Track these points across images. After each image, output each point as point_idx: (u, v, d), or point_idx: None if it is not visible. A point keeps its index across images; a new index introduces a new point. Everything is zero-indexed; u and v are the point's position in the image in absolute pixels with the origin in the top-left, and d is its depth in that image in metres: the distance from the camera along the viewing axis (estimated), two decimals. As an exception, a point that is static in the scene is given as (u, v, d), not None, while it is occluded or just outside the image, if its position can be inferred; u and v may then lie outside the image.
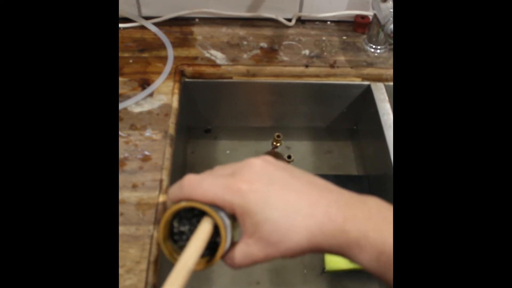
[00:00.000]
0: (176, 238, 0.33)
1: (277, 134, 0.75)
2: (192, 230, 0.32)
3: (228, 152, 0.83)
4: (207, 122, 0.82)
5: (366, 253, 0.29)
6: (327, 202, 0.31)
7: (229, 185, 0.30)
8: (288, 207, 0.30)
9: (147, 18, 0.78)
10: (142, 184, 0.55)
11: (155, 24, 0.77)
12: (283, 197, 0.30)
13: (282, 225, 0.30)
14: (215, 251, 0.32)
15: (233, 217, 0.32)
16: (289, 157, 0.73)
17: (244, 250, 0.31)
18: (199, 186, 0.31)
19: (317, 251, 0.31)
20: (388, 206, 0.31)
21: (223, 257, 0.32)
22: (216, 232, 0.32)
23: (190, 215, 0.32)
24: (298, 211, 0.30)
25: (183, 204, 0.31)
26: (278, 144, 0.76)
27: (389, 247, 0.28)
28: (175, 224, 0.32)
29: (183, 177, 0.32)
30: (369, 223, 0.29)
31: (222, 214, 0.31)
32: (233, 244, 0.32)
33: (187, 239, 0.32)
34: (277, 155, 0.78)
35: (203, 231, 0.30)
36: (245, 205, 0.30)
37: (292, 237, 0.30)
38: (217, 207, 0.31)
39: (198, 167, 0.81)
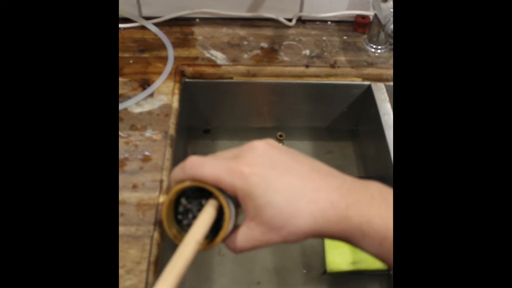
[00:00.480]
0: (180, 218, 0.32)
1: (279, 133, 0.75)
2: (199, 209, 0.32)
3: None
4: (207, 122, 0.82)
5: (369, 239, 0.29)
6: (330, 187, 0.30)
7: (231, 168, 0.30)
8: (291, 191, 0.30)
9: (147, 18, 0.78)
10: (142, 184, 0.55)
11: (156, 24, 0.77)
12: (286, 181, 0.30)
13: (285, 210, 0.29)
14: (217, 233, 0.31)
15: (236, 202, 0.32)
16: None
17: (246, 234, 0.31)
18: (202, 167, 0.31)
19: (319, 236, 0.30)
20: (389, 190, 0.31)
21: (225, 240, 0.32)
22: (219, 215, 0.31)
23: (196, 195, 0.32)
24: (301, 196, 0.30)
25: (188, 183, 0.31)
26: (281, 144, 0.76)
27: (392, 232, 0.28)
28: (183, 201, 0.32)
29: (186, 159, 0.32)
30: (371, 209, 0.29)
31: (226, 196, 0.31)
32: (235, 227, 0.32)
33: (193, 217, 0.31)
34: None
35: (209, 210, 0.31)
36: (247, 188, 0.30)
37: (295, 222, 0.29)
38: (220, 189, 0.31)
39: (199, 167, 0.81)
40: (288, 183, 0.30)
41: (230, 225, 0.31)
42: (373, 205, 0.29)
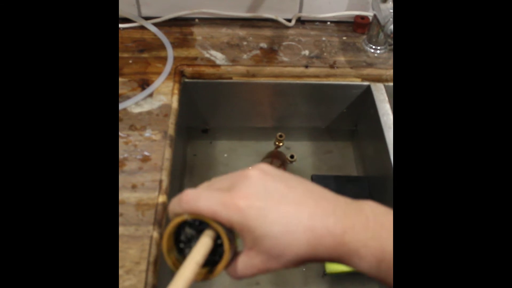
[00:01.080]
0: (182, 246, 0.33)
1: (279, 134, 0.75)
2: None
3: (225, 155, 0.83)
4: (207, 122, 0.82)
5: (367, 262, 0.29)
6: (325, 213, 0.31)
7: (226, 202, 0.30)
8: (288, 220, 0.30)
9: (146, 18, 0.78)
10: (141, 184, 0.54)
11: (155, 24, 0.77)
12: (282, 210, 0.30)
13: (282, 240, 0.30)
14: (215, 264, 0.32)
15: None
16: (291, 156, 0.73)
17: (246, 262, 0.32)
18: (197, 202, 0.31)
19: (318, 261, 0.31)
20: (383, 210, 0.31)
21: (226, 267, 0.32)
22: (218, 245, 0.32)
23: (198, 223, 0.32)
24: (297, 225, 0.30)
25: (186, 217, 0.31)
26: (281, 144, 0.76)
27: (389, 254, 0.29)
28: (186, 230, 0.32)
29: (182, 192, 0.32)
30: (367, 233, 0.30)
31: (224, 226, 0.31)
32: (235, 254, 0.33)
33: None
34: (280, 155, 0.78)
35: (205, 240, 0.31)
36: (244, 221, 0.30)
37: (293, 251, 0.30)
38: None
39: (198, 168, 0.81)
40: (284, 213, 0.30)
41: (230, 255, 0.31)
42: (368, 229, 0.30)
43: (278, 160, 0.77)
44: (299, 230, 0.30)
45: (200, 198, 0.31)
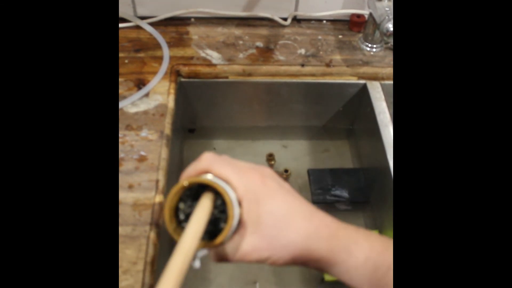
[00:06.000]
0: (182, 218, 0.32)
1: (268, 153, 0.79)
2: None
3: (222, 155, 0.83)
4: (203, 121, 0.82)
5: (355, 258, 0.32)
6: (324, 214, 0.34)
7: (250, 171, 0.33)
8: (292, 206, 0.33)
9: (142, 18, 0.78)
10: (138, 184, 0.54)
11: (151, 24, 0.77)
12: (288, 199, 0.33)
13: (282, 221, 0.32)
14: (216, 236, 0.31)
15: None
16: (286, 171, 0.77)
17: (235, 242, 0.31)
18: (220, 160, 0.33)
19: (306, 257, 0.32)
20: (377, 234, 0.35)
21: (227, 238, 0.31)
22: (217, 219, 0.31)
23: (199, 192, 0.32)
24: (299, 213, 0.33)
25: (193, 180, 0.30)
26: (272, 162, 0.80)
27: (376, 253, 0.32)
28: (184, 203, 0.32)
29: (201, 154, 0.34)
30: (358, 233, 0.33)
31: (230, 192, 0.31)
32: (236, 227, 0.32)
33: None
34: (276, 173, 0.79)
35: (205, 202, 0.30)
36: (259, 194, 0.32)
37: (289, 235, 0.31)
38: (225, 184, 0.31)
39: (195, 167, 0.81)
40: (290, 201, 0.33)
41: (234, 221, 0.30)
42: (359, 231, 0.33)
43: None
44: (299, 217, 0.32)
45: (218, 160, 0.33)
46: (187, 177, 0.32)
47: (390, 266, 0.31)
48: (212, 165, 0.32)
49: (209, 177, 0.31)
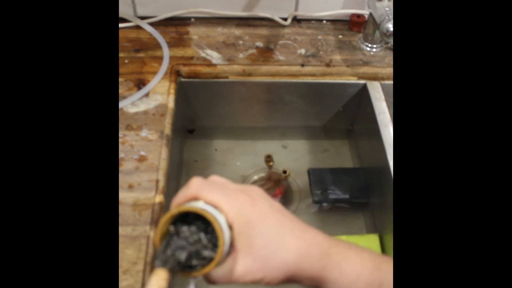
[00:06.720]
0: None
1: (267, 155, 0.78)
2: (194, 237, 0.31)
3: (222, 155, 0.83)
4: (203, 121, 0.82)
5: (346, 276, 0.32)
6: (315, 232, 0.34)
7: (239, 194, 0.33)
8: (283, 227, 0.33)
9: (142, 18, 0.78)
10: (138, 184, 0.54)
11: (151, 24, 0.77)
12: (280, 219, 0.33)
13: (273, 241, 0.32)
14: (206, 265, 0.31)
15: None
16: (284, 172, 0.77)
17: (228, 265, 0.31)
18: (208, 186, 0.33)
19: (299, 277, 0.32)
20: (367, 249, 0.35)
21: (218, 264, 0.31)
22: (208, 243, 0.31)
23: (192, 218, 0.32)
24: (290, 232, 0.33)
25: (182, 208, 0.31)
26: (271, 164, 0.79)
27: (367, 270, 0.32)
28: (174, 225, 0.32)
29: (191, 179, 0.33)
30: (350, 251, 0.33)
31: (220, 218, 0.31)
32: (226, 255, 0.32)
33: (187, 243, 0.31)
34: (272, 176, 0.79)
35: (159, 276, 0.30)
36: (249, 216, 0.32)
37: (281, 255, 0.31)
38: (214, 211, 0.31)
39: (195, 167, 0.81)
40: (281, 221, 0.33)
41: (225, 248, 0.31)
42: (351, 248, 0.33)
43: (270, 181, 0.78)
44: (291, 236, 0.32)
45: (206, 186, 0.33)
46: (176, 205, 0.33)
47: (382, 283, 0.31)
48: (201, 191, 0.32)
49: (199, 204, 0.32)
